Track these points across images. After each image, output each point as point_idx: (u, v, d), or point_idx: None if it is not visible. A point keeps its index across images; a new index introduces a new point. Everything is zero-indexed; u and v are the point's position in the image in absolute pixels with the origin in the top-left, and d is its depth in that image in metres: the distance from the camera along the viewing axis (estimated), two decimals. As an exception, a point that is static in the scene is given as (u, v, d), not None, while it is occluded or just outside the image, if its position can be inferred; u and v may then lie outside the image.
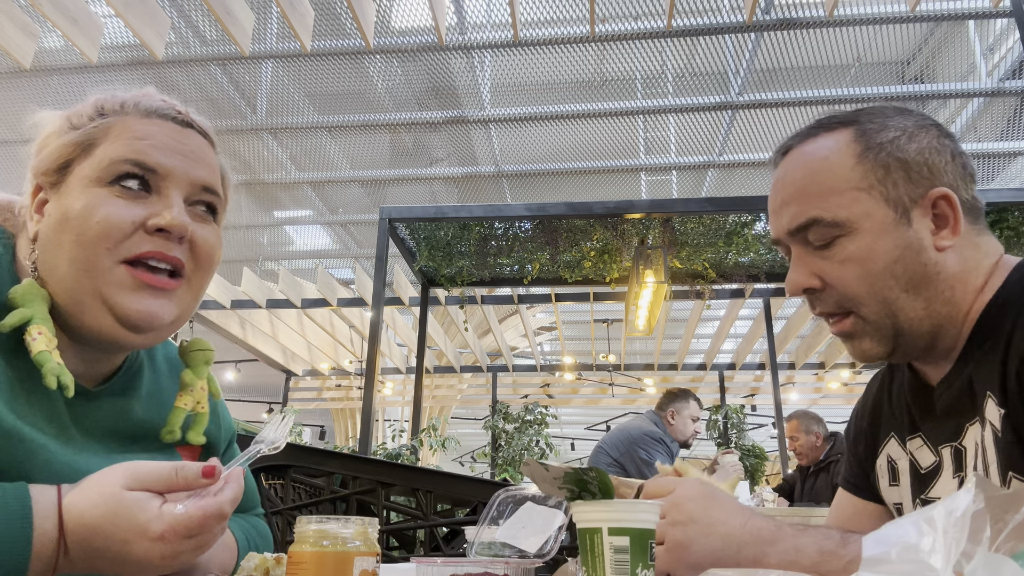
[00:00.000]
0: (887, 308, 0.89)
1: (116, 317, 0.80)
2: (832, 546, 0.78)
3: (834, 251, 0.90)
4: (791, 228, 0.93)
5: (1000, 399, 0.83)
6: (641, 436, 3.98)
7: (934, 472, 0.96)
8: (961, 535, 0.41)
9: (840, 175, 0.90)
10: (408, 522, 1.88)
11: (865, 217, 0.89)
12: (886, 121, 0.92)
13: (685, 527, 0.82)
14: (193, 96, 5.49)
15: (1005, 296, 0.87)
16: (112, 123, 0.85)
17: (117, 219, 0.79)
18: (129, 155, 0.82)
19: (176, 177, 0.84)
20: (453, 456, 12.74)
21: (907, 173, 0.89)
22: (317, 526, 0.62)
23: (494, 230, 5.82)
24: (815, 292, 0.93)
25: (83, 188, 0.82)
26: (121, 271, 0.80)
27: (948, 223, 0.89)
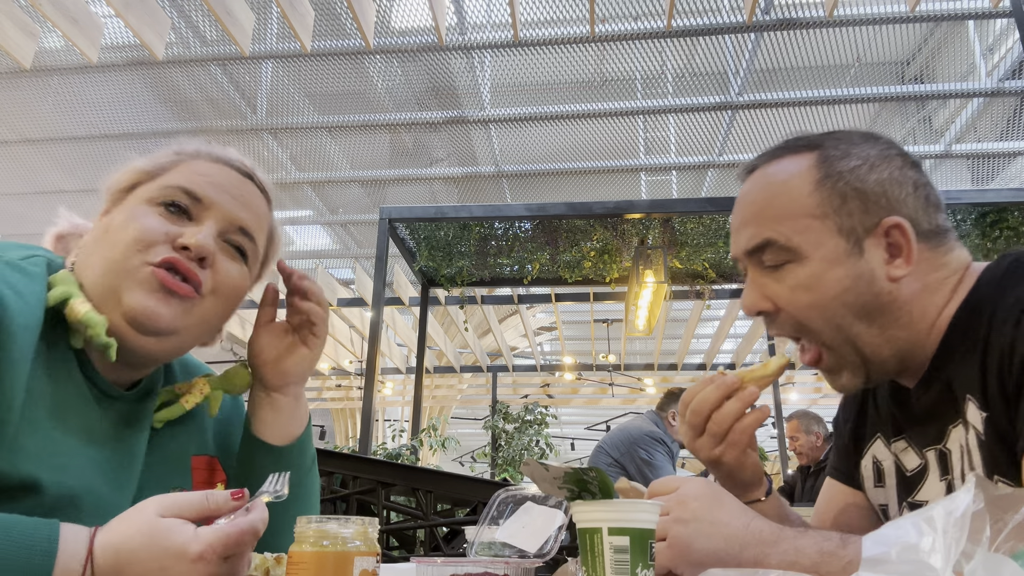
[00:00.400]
0: (843, 335, 0.91)
1: (124, 315, 0.84)
2: (832, 547, 0.78)
3: (786, 276, 0.91)
4: (747, 248, 0.95)
5: (981, 402, 0.84)
6: (641, 436, 3.98)
7: (920, 475, 0.96)
8: (961, 535, 0.41)
9: (797, 200, 0.91)
10: (408, 522, 1.88)
11: (816, 246, 0.90)
12: (850, 149, 0.93)
13: (688, 525, 0.82)
14: (193, 96, 5.49)
15: (977, 298, 0.88)
16: (182, 161, 0.95)
17: (151, 229, 0.86)
18: (182, 183, 0.91)
19: (217, 211, 0.91)
20: (453, 456, 12.74)
21: (863, 203, 0.90)
22: (317, 526, 0.62)
23: (494, 230, 5.82)
24: (769, 315, 0.95)
25: (134, 204, 0.90)
26: (146, 270, 0.85)
27: (902, 252, 0.90)
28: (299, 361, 1.01)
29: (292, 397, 1.02)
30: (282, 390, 1.01)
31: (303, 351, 1.01)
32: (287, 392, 1.01)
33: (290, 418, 1.01)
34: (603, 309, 8.33)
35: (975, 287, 0.89)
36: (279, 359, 1.00)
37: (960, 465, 0.89)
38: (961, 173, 6.19)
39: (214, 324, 0.94)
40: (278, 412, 1.01)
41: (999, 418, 0.81)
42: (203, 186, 0.91)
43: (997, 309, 0.83)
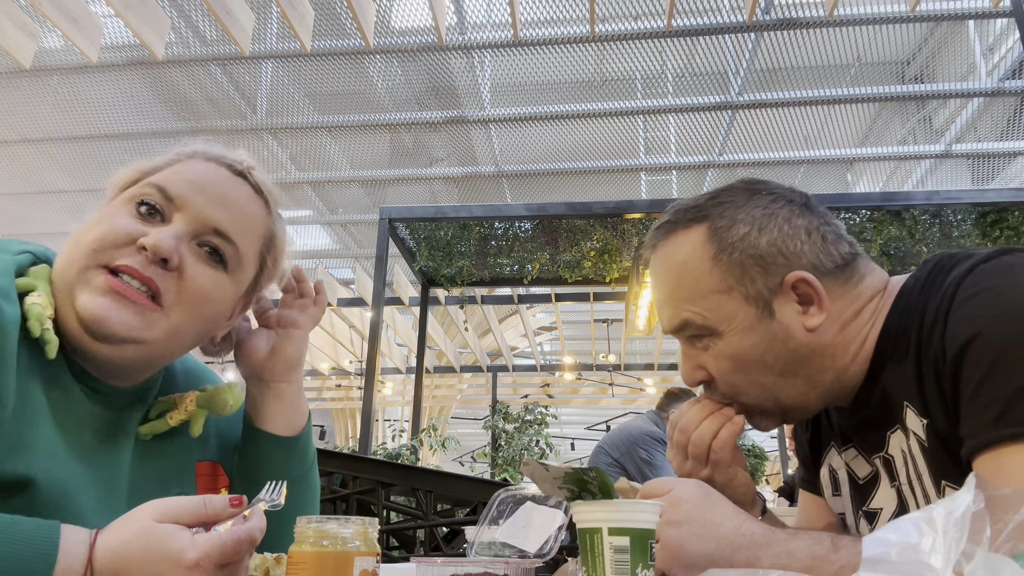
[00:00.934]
0: (767, 393, 0.94)
1: (77, 317, 0.80)
2: (823, 551, 0.78)
3: (709, 348, 0.95)
4: (670, 328, 0.98)
5: (920, 408, 0.84)
6: (642, 436, 3.97)
7: (872, 482, 0.97)
8: (961, 535, 0.41)
9: (700, 280, 0.94)
10: (408, 522, 1.88)
11: (729, 319, 0.92)
12: (736, 214, 0.94)
13: (680, 527, 0.82)
14: (193, 96, 5.49)
15: (902, 307, 0.89)
16: (176, 161, 0.91)
17: (116, 229, 0.82)
18: (159, 181, 0.86)
19: (189, 210, 0.85)
20: (453, 456, 12.74)
21: (763, 267, 0.91)
22: (317, 526, 0.62)
23: (494, 230, 5.82)
24: (707, 383, 0.98)
25: (117, 204, 0.86)
26: (97, 273, 0.80)
27: (813, 300, 0.91)
28: (297, 342, 1.00)
29: (296, 385, 1.01)
30: (285, 377, 1.00)
31: (295, 331, 1.00)
32: (291, 379, 1.00)
33: (295, 408, 1.01)
34: (603, 309, 8.34)
35: (898, 297, 0.90)
36: (275, 349, 0.99)
37: (905, 471, 0.90)
38: (961, 173, 6.19)
39: (188, 334, 0.87)
40: (284, 402, 1.00)
41: (940, 423, 0.81)
42: (179, 184, 0.86)
43: (924, 315, 0.84)
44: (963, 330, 0.77)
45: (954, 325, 0.79)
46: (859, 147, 6.13)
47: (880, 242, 5.43)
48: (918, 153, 5.88)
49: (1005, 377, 0.73)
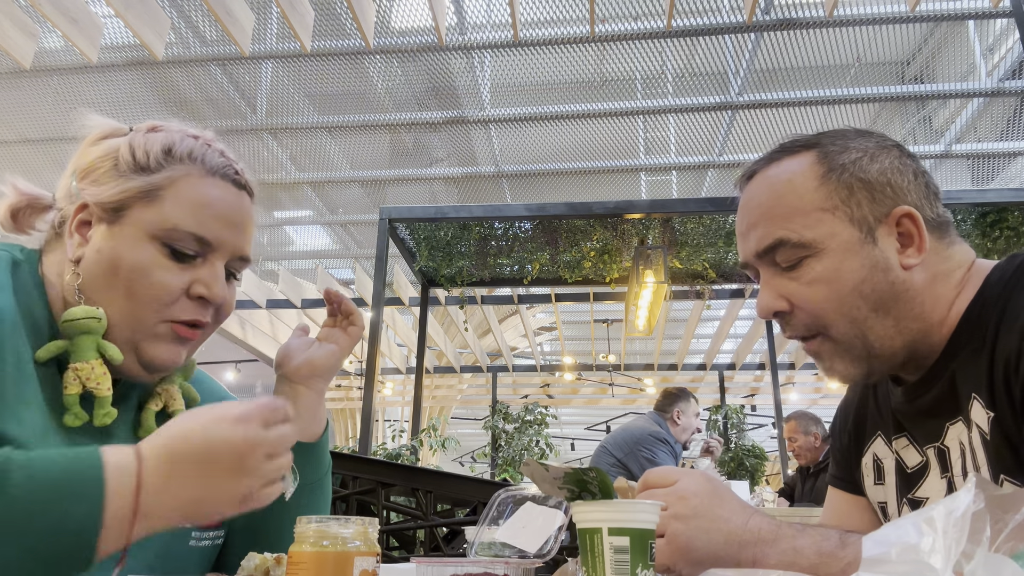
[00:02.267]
0: (857, 328, 0.89)
1: (141, 360, 0.88)
2: (830, 547, 0.78)
3: (801, 272, 0.90)
4: (758, 250, 0.93)
5: (988, 402, 0.83)
6: (645, 436, 3.98)
7: (921, 472, 0.96)
8: (961, 535, 0.41)
9: (805, 196, 0.91)
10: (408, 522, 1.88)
11: (831, 237, 0.89)
12: (848, 143, 0.93)
13: (688, 522, 0.81)
14: (193, 96, 5.49)
15: (985, 297, 0.88)
16: (178, 176, 0.89)
17: (169, 285, 0.87)
18: (191, 227, 0.88)
19: (224, 249, 0.92)
20: (453, 456, 12.74)
21: (871, 193, 0.90)
22: (317, 526, 0.62)
23: (494, 230, 5.82)
24: (785, 315, 0.93)
25: (139, 239, 0.86)
26: (164, 327, 0.88)
27: (913, 241, 0.90)
28: (327, 355, 1.04)
29: (316, 393, 1.04)
30: (307, 383, 1.03)
31: (331, 346, 1.05)
32: (312, 386, 1.03)
33: (313, 415, 1.03)
34: (603, 309, 8.33)
35: (984, 286, 0.89)
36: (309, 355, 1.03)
37: (960, 463, 0.89)
38: (961, 173, 6.19)
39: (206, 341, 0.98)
40: (299, 406, 1.01)
41: (1005, 420, 0.81)
42: (210, 226, 0.89)
43: (1006, 311, 0.83)
44: None
45: None
46: (859, 147, 6.11)
47: (880, 242, 5.43)
48: (918, 153, 5.86)
49: None
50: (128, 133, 0.96)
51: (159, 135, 0.93)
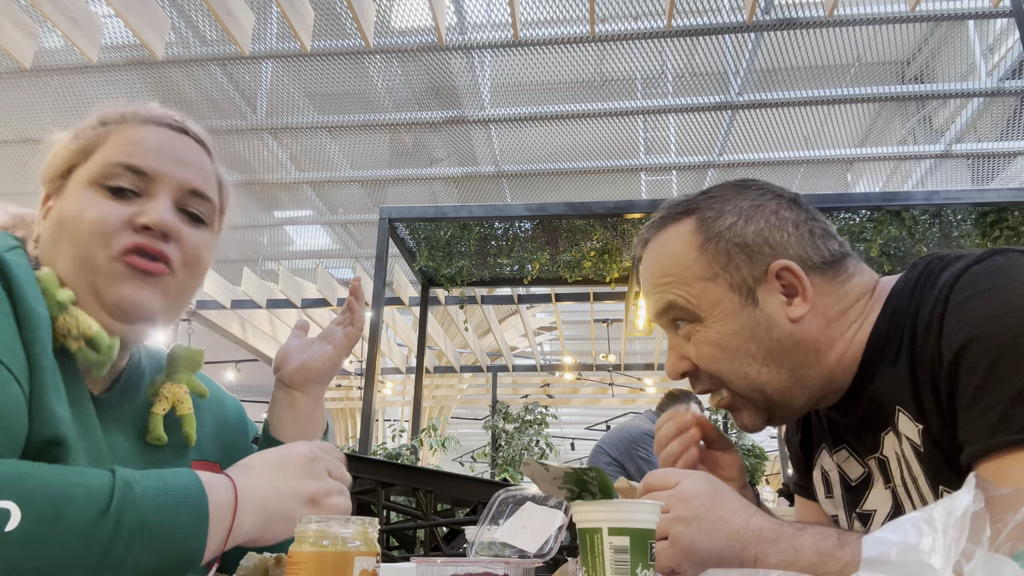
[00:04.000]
0: (751, 383, 0.93)
1: (106, 308, 0.83)
2: (829, 547, 0.78)
3: (693, 335, 0.96)
4: (655, 312, 1.00)
5: (916, 414, 0.83)
6: (641, 435, 3.98)
7: (865, 484, 0.97)
8: (961, 535, 0.41)
9: (687, 267, 0.95)
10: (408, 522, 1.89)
11: (713, 306, 0.93)
12: (724, 207, 0.96)
13: (690, 524, 0.82)
14: (193, 96, 5.49)
15: (893, 308, 0.88)
16: (111, 130, 0.90)
17: (107, 218, 0.84)
18: (121, 159, 0.87)
19: (165, 180, 0.88)
20: (453, 456, 12.74)
21: (748, 255, 0.93)
22: (317, 526, 0.62)
23: (494, 230, 5.82)
24: (691, 374, 0.98)
25: (79, 191, 0.86)
26: (117, 265, 0.84)
27: (797, 291, 0.92)
28: (323, 359, 1.04)
29: (312, 398, 1.04)
30: (303, 388, 1.03)
31: (327, 349, 1.05)
32: (307, 391, 1.04)
33: (307, 420, 1.04)
34: (603, 309, 8.33)
35: (889, 298, 0.90)
36: (305, 359, 1.04)
37: (899, 473, 0.89)
38: (961, 173, 6.19)
39: (187, 296, 0.93)
40: (296, 412, 1.03)
41: (936, 429, 0.81)
42: (143, 156, 0.87)
43: (917, 318, 0.83)
44: (958, 334, 0.77)
45: (949, 329, 0.78)
46: (859, 147, 6.13)
47: (880, 242, 5.43)
48: (918, 153, 5.88)
49: (1003, 382, 0.72)
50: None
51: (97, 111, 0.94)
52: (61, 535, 0.62)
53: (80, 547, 0.63)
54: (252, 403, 12.03)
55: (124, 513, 0.66)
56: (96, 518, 0.64)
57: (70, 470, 0.67)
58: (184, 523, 0.69)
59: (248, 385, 11.02)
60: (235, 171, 6.19)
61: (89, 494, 0.65)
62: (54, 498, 0.63)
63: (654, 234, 1.01)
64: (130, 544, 0.65)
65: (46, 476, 0.65)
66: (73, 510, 0.63)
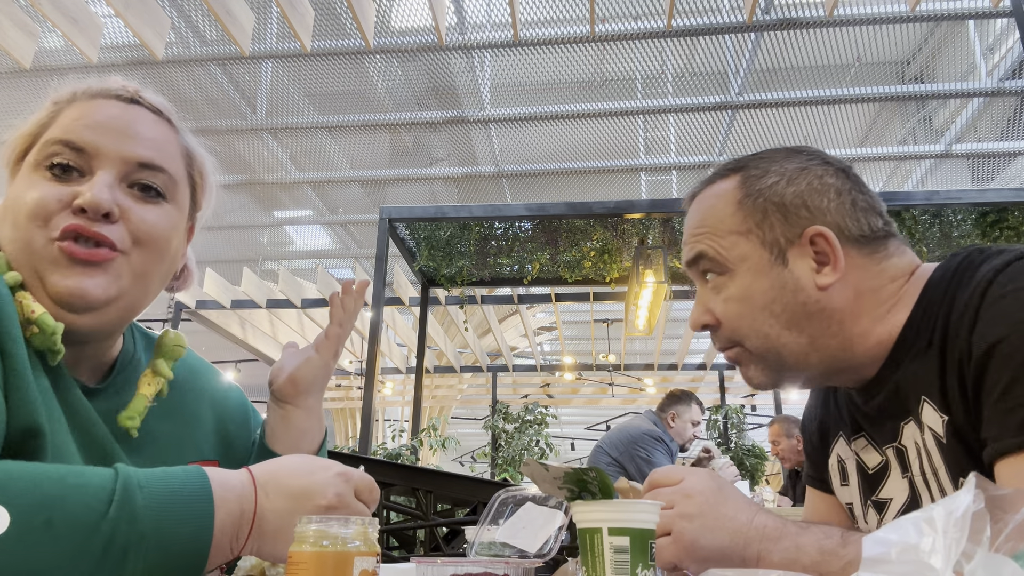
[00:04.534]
0: (769, 343, 0.94)
1: (51, 297, 0.78)
2: (832, 545, 0.78)
3: (719, 289, 0.97)
4: (687, 261, 1.01)
5: (941, 405, 0.83)
6: (641, 435, 3.98)
7: (882, 472, 0.97)
8: (961, 535, 0.41)
9: (722, 220, 0.97)
10: (408, 522, 1.89)
11: (741, 260, 0.94)
12: (770, 166, 0.97)
13: (693, 520, 0.83)
14: (193, 96, 5.49)
15: (928, 299, 0.88)
16: (60, 109, 0.85)
17: (44, 200, 0.78)
18: (60, 135, 0.82)
19: (106, 155, 0.82)
20: (453, 456, 12.74)
21: (784, 215, 0.93)
22: (317, 526, 0.62)
23: (494, 230, 5.82)
24: (712, 328, 0.99)
25: (25, 175, 0.82)
26: (52, 248, 0.77)
27: (829, 260, 0.91)
28: (311, 368, 1.03)
29: (303, 410, 1.03)
30: (294, 401, 1.02)
31: (314, 358, 1.03)
32: (298, 404, 1.02)
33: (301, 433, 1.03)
34: (603, 309, 8.33)
35: (925, 288, 0.89)
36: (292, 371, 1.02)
37: (918, 463, 0.89)
38: (961, 173, 6.19)
39: (152, 277, 0.86)
40: (289, 425, 1.02)
41: (960, 421, 0.80)
42: (80, 132, 0.81)
43: (952, 309, 0.83)
44: (993, 330, 0.76)
45: (984, 324, 0.78)
46: (859, 147, 6.13)
47: (880, 242, 5.43)
48: (918, 153, 5.88)
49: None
50: None
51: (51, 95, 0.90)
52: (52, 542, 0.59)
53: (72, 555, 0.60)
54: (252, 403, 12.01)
55: (121, 522, 0.62)
56: (91, 525, 0.61)
57: (70, 470, 0.64)
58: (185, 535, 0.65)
59: (248, 385, 11.00)
60: (235, 171, 6.19)
61: (85, 498, 0.62)
62: (45, 502, 0.60)
63: (700, 190, 1.03)
64: (126, 553, 0.62)
65: (39, 478, 0.61)
66: (66, 515, 0.60)
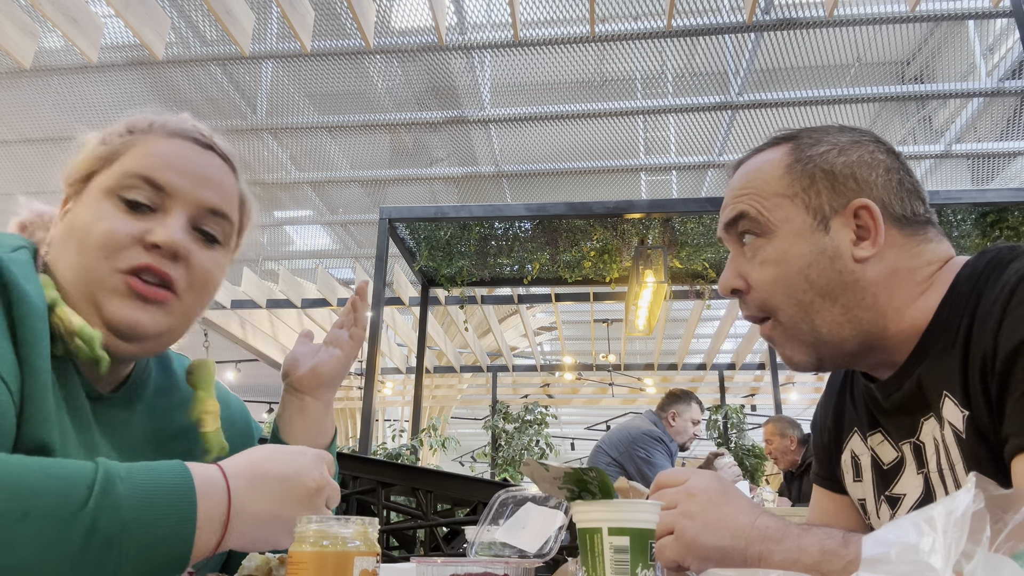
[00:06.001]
0: (803, 312, 0.92)
1: (105, 323, 0.82)
2: (833, 546, 0.78)
3: (755, 252, 0.95)
4: (725, 222, 1.00)
5: (962, 400, 0.83)
6: (640, 435, 3.98)
7: (897, 468, 0.97)
8: (961, 535, 0.41)
9: (769, 182, 0.96)
10: (408, 522, 1.89)
11: (784, 221, 0.94)
12: (823, 137, 0.97)
13: (695, 519, 0.83)
14: (193, 96, 5.49)
15: (956, 294, 0.88)
16: (136, 140, 0.88)
17: (117, 232, 0.82)
18: (140, 170, 0.85)
19: (183, 197, 0.86)
20: (453, 456, 12.73)
21: (831, 183, 0.93)
22: (317, 526, 0.62)
23: (494, 230, 5.82)
24: (742, 294, 0.98)
25: (95, 199, 0.85)
26: (117, 278, 0.82)
27: (870, 234, 0.91)
28: (332, 364, 1.05)
29: (323, 403, 1.05)
30: (314, 393, 1.04)
31: (336, 353, 1.06)
32: (318, 396, 1.04)
33: (318, 426, 1.04)
34: (603, 309, 8.33)
35: (954, 283, 0.89)
36: (314, 364, 1.04)
37: (936, 459, 0.89)
38: (961, 173, 6.19)
39: (194, 318, 0.92)
40: (307, 417, 1.03)
41: (981, 418, 0.80)
42: (163, 171, 0.85)
43: (978, 307, 0.83)
44: (1021, 329, 0.76)
45: (1012, 322, 0.78)
46: (859, 147, 6.11)
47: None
48: (918, 153, 5.88)
49: None
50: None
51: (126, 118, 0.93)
52: (28, 533, 0.58)
53: (50, 547, 0.58)
54: (252, 403, 12.02)
55: (101, 513, 0.61)
56: (69, 517, 0.60)
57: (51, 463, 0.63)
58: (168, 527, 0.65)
59: (248, 385, 11.01)
60: (235, 171, 6.18)
61: (64, 490, 0.61)
62: (22, 494, 0.59)
63: (748, 157, 1.02)
64: (107, 546, 0.61)
65: (16, 470, 0.61)
66: (43, 506, 0.59)
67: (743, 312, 0.99)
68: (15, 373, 0.72)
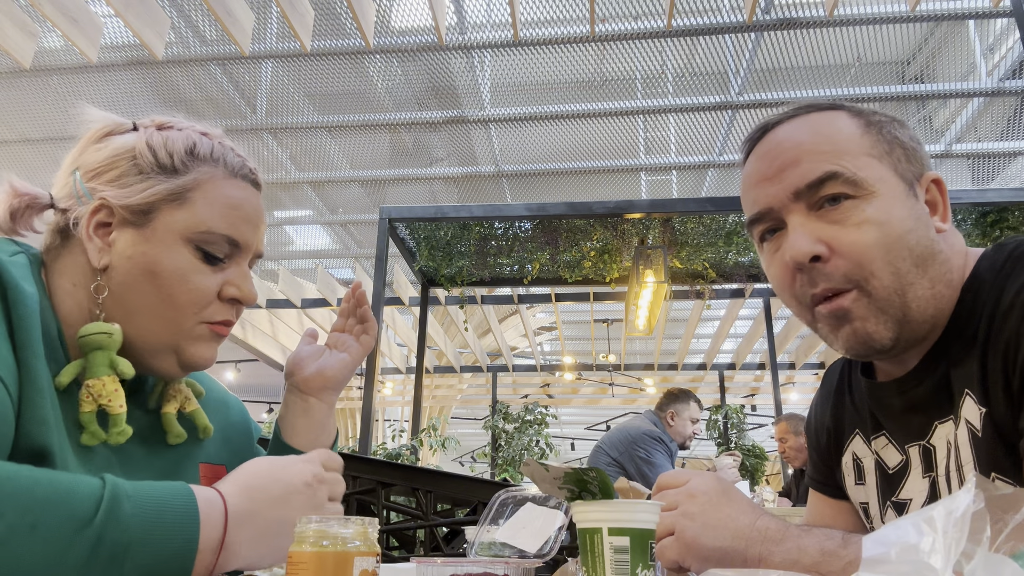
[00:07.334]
0: (898, 282, 0.83)
1: (181, 363, 0.89)
2: (833, 546, 0.78)
3: (848, 214, 0.84)
4: (800, 186, 0.86)
5: (981, 397, 0.81)
6: (640, 435, 3.98)
7: (902, 472, 0.95)
8: (961, 535, 0.41)
9: (852, 140, 0.87)
10: (408, 522, 1.89)
11: (881, 182, 0.85)
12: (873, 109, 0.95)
13: (695, 520, 0.83)
14: (193, 96, 5.49)
15: (976, 287, 0.86)
16: (204, 179, 0.89)
17: (205, 290, 0.88)
18: (224, 230, 0.89)
19: (247, 248, 0.93)
20: (453, 456, 12.74)
21: (906, 153, 0.90)
22: (317, 526, 0.62)
23: (494, 230, 5.82)
24: (819, 263, 0.85)
25: (171, 243, 0.86)
26: (203, 328, 0.89)
27: (938, 209, 0.90)
28: (339, 366, 1.05)
29: (327, 404, 1.05)
30: (319, 395, 1.04)
31: (344, 357, 1.06)
32: (323, 398, 1.05)
33: (321, 428, 1.04)
34: (603, 309, 8.33)
35: (972, 275, 0.87)
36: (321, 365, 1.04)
37: (945, 462, 0.88)
38: (961, 173, 6.19)
39: None
40: (311, 418, 1.03)
41: (1000, 414, 0.79)
42: (239, 227, 0.91)
43: (1000, 300, 0.81)
44: None
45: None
46: (859, 147, 6.11)
47: (880, 242, 5.43)
48: (918, 153, 5.88)
49: None
50: (132, 129, 0.93)
51: (179, 134, 0.91)
52: (36, 546, 0.59)
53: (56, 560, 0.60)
54: (252, 403, 12.02)
55: (108, 529, 0.63)
56: (76, 531, 0.61)
57: (61, 476, 0.65)
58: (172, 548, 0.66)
59: (248, 385, 11.02)
60: (235, 171, 6.18)
61: (72, 505, 0.62)
62: (32, 506, 0.60)
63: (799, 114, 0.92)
64: (112, 562, 0.62)
65: (28, 482, 0.62)
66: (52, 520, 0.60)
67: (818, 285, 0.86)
68: (14, 376, 0.72)
